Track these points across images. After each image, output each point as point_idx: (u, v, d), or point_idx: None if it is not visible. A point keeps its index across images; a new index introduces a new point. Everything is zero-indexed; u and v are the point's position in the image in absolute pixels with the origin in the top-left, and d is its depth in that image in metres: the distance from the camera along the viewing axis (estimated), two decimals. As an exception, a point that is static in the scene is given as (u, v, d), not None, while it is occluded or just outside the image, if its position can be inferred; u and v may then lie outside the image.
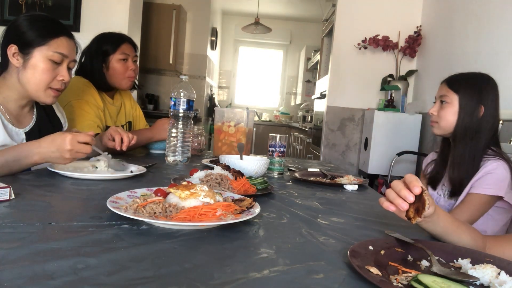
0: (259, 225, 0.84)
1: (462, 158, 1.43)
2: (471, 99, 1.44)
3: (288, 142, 4.59)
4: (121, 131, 1.48)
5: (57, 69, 1.30)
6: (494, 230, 1.44)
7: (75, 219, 0.77)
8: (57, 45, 1.28)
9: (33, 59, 1.26)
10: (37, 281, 0.51)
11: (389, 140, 3.11)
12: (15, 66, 1.27)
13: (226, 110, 1.82)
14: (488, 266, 0.64)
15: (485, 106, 1.43)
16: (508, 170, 1.37)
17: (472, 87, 1.46)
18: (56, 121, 1.47)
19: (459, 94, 1.46)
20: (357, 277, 0.60)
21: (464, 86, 1.46)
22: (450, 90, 1.48)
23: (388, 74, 3.36)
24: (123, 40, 1.88)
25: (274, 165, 1.52)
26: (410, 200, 0.72)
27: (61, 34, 1.30)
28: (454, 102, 1.46)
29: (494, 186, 1.35)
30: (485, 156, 1.42)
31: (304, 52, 6.44)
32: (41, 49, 1.26)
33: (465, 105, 1.45)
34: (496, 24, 2.31)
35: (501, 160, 1.38)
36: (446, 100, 1.48)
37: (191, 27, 5.46)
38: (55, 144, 1.13)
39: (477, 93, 1.44)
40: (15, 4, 3.27)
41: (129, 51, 1.89)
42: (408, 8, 3.40)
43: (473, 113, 1.43)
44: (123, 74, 1.87)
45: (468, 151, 1.43)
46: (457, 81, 1.49)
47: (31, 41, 1.26)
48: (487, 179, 1.37)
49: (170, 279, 0.54)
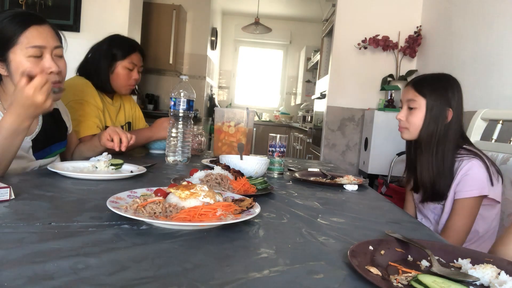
0: (259, 225, 0.84)
1: (429, 163, 1.41)
2: (439, 103, 1.40)
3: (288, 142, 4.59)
4: (120, 131, 1.47)
5: (41, 63, 1.19)
6: (485, 228, 1.43)
7: (75, 219, 0.77)
8: (27, 39, 1.16)
9: (12, 63, 1.17)
10: (37, 281, 0.50)
11: (389, 140, 3.11)
12: (4, 75, 1.22)
13: (226, 110, 1.82)
14: (488, 266, 0.64)
15: (453, 109, 1.41)
16: (483, 167, 1.35)
17: (439, 90, 1.42)
18: (61, 124, 1.46)
19: (427, 98, 1.42)
20: (357, 277, 0.60)
21: (430, 89, 1.42)
22: (417, 94, 1.44)
23: (388, 74, 3.36)
24: (134, 49, 1.88)
25: (274, 165, 1.52)
26: None
27: (28, 25, 1.17)
28: (422, 106, 1.42)
29: (476, 187, 1.34)
30: (458, 156, 1.40)
31: (304, 52, 6.44)
32: (14, 51, 1.16)
33: (432, 109, 1.41)
34: (496, 24, 2.31)
35: (473, 159, 1.36)
36: (414, 105, 1.44)
37: (191, 27, 5.46)
38: (18, 101, 1.08)
39: (444, 96, 1.41)
40: (15, 4, 3.26)
41: (137, 61, 1.89)
42: (408, 8, 3.40)
43: (440, 118, 1.40)
44: (125, 82, 1.87)
45: (435, 157, 1.40)
46: (424, 84, 1.44)
47: (2, 45, 1.16)
48: (466, 181, 1.35)
49: (170, 279, 0.54)
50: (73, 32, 3.19)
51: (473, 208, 1.37)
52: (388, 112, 3.13)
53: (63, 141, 1.46)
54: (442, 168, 1.40)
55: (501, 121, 1.71)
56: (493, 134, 1.72)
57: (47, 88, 1.10)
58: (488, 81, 2.33)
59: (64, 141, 1.47)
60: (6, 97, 1.27)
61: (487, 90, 2.33)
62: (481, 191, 1.34)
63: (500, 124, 1.71)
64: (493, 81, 2.28)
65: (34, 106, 1.09)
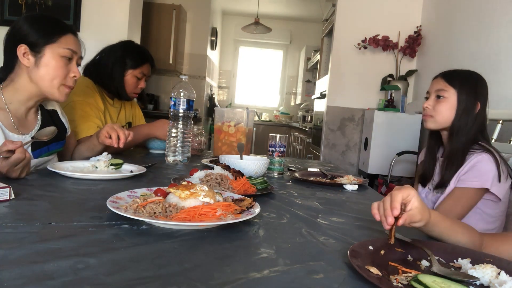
0: (259, 225, 0.84)
1: (457, 153, 1.44)
2: (469, 95, 1.44)
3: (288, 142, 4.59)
4: (117, 128, 1.47)
5: (69, 65, 1.32)
6: (485, 224, 1.43)
7: (75, 219, 0.77)
8: (66, 41, 1.30)
9: (45, 56, 1.27)
10: (37, 281, 0.50)
11: (389, 140, 3.11)
12: (26, 66, 1.27)
13: (226, 110, 1.82)
14: (488, 266, 0.64)
15: (481, 103, 1.44)
16: (493, 162, 1.36)
17: (469, 83, 1.46)
18: (60, 126, 1.47)
19: (457, 89, 1.46)
20: (357, 277, 0.60)
21: (461, 82, 1.46)
22: (448, 84, 1.47)
23: (388, 74, 3.36)
24: (147, 61, 1.90)
25: (274, 165, 1.52)
26: (385, 227, 0.74)
27: (68, 32, 1.32)
28: (452, 97, 1.46)
29: (479, 179, 1.35)
30: (471, 150, 1.42)
31: (304, 52, 6.44)
32: (51, 47, 1.28)
33: (464, 100, 1.45)
34: (496, 24, 2.31)
35: (485, 153, 1.38)
36: (444, 94, 1.47)
37: (191, 27, 5.46)
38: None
39: (473, 90, 1.45)
40: (15, 4, 3.26)
41: (147, 71, 1.91)
42: (408, 8, 3.40)
43: (470, 110, 1.44)
44: (131, 89, 1.89)
45: (461, 146, 1.43)
46: (455, 77, 1.49)
47: (40, 39, 1.27)
48: (472, 172, 1.37)
49: (170, 279, 0.54)
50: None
51: (469, 199, 1.38)
52: (388, 112, 3.13)
53: (61, 141, 1.46)
54: (459, 158, 1.42)
55: (501, 121, 1.71)
56: (493, 134, 1.72)
57: (22, 165, 1.07)
58: (488, 81, 2.32)
59: (62, 141, 1.47)
60: (11, 93, 1.28)
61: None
62: (483, 183, 1.35)
63: (500, 124, 1.71)
64: (493, 81, 2.27)
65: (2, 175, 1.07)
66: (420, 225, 0.77)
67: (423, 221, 0.76)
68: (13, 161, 1.04)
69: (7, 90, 1.29)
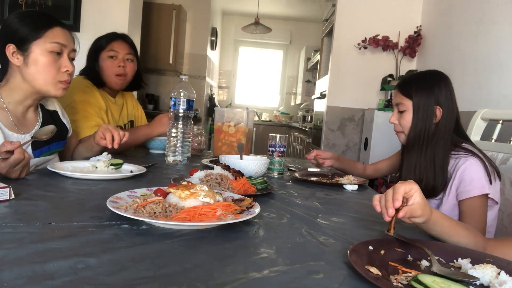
0: (259, 225, 0.84)
1: (414, 165, 1.39)
2: (424, 102, 1.38)
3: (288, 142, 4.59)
4: (112, 129, 1.44)
5: (59, 60, 1.29)
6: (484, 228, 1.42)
7: (75, 219, 0.77)
8: (52, 35, 1.27)
9: (33, 54, 1.25)
10: (37, 281, 0.50)
11: (389, 140, 3.10)
12: (16, 65, 1.26)
13: (226, 110, 1.82)
14: (488, 266, 0.64)
15: (442, 106, 1.37)
16: (480, 165, 1.32)
17: (424, 89, 1.39)
18: (61, 126, 1.46)
19: (413, 99, 1.39)
20: (357, 277, 0.60)
21: (416, 89, 1.39)
22: (403, 96, 1.41)
23: (388, 74, 3.36)
24: (115, 38, 1.87)
25: (274, 165, 1.52)
26: (386, 218, 0.74)
27: (53, 25, 1.28)
28: (410, 108, 1.40)
29: (476, 186, 1.32)
30: (454, 154, 1.37)
31: (304, 52, 6.44)
32: (38, 43, 1.25)
33: (419, 109, 1.38)
34: (495, 24, 2.31)
35: (470, 157, 1.33)
36: (402, 108, 1.42)
37: (191, 27, 5.46)
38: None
39: (430, 94, 1.38)
40: (15, 4, 3.26)
41: (120, 48, 1.85)
42: (408, 8, 3.40)
43: (427, 117, 1.37)
44: (110, 71, 1.84)
45: (424, 157, 1.38)
46: (409, 85, 1.42)
47: (26, 36, 1.24)
48: (465, 181, 1.33)
49: (170, 279, 0.54)
50: (73, 32, 3.18)
51: (480, 207, 1.35)
52: (388, 112, 3.12)
53: (62, 140, 1.46)
54: (433, 167, 1.37)
55: (501, 121, 1.70)
56: (493, 134, 1.72)
57: (21, 165, 1.08)
58: (488, 81, 2.33)
59: (63, 141, 1.47)
60: (8, 94, 1.28)
61: (487, 90, 2.33)
62: (482, 189, 1.33)
63: (500, 124, 1.71)
64: (493, 81, 2.28)
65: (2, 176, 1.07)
66: (421, 221, 0.77)
67: (423, 217, 0.76)
68: (12, 161, 1.03)
69: (4, 90, 1.28)
